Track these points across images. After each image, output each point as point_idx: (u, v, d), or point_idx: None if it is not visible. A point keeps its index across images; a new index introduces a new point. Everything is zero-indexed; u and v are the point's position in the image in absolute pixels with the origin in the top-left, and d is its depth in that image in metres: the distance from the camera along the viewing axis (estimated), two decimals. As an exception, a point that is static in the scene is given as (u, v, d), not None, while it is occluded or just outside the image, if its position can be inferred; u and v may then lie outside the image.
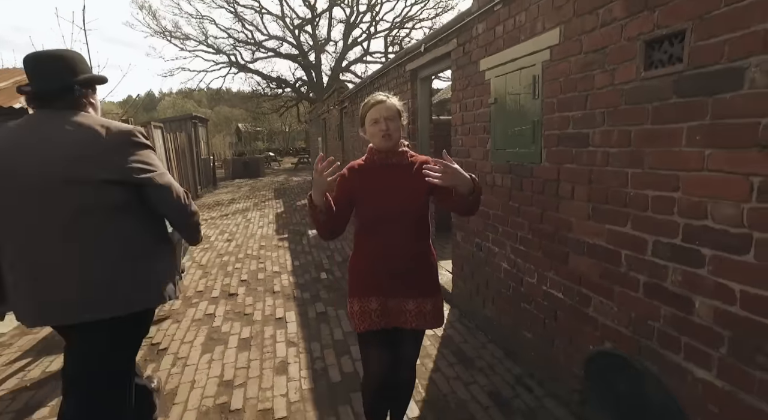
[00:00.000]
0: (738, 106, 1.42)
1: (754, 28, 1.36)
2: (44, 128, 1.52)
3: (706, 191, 1.55)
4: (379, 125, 1.74)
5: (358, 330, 1.82)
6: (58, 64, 1.59)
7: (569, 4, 2.20)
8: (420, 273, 1.83)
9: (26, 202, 1.48)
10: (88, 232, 1.52)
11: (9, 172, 1.48)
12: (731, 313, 1.48)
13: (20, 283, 1.54)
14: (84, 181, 1.49)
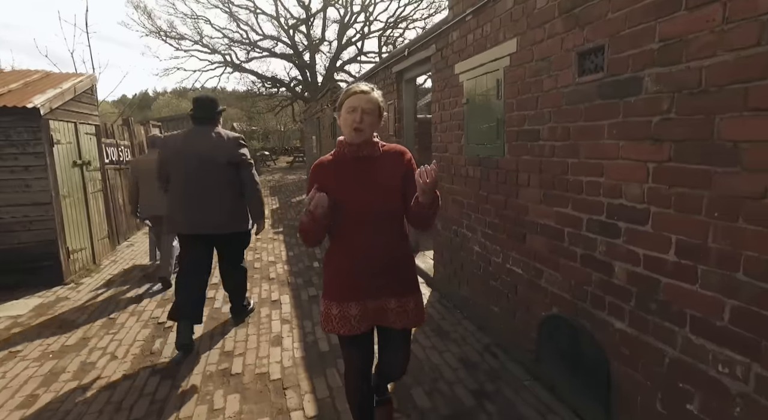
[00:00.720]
0: (638, 107, 1.78)
1: (647, 47, 1.72)
2: (202, 134, 3.14)
3: (620, 176, 1.91)
4: (354, 115, 1.64)
5: (337, 333, 1.75)
6: (208, 103, 3.21)
7: (523, 18, 2.56)
8: (401, 270, 1.77)
9: (197, 167, 3.04)
10: (223, 186, 3.10)
11: (191, 153, 3.06)
12: (637, 272, 1.84)
13: (187, 206, 3.06)
14: (218, 161, 3.06)
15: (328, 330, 1.76)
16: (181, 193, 3.07)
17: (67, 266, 4.91)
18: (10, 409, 2.49)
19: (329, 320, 1.75)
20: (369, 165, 1.72)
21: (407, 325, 1.79)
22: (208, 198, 3.05)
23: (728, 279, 1.47)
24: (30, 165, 4.60)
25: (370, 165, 1.72)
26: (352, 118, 1.65)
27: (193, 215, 3.05)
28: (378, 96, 1.71)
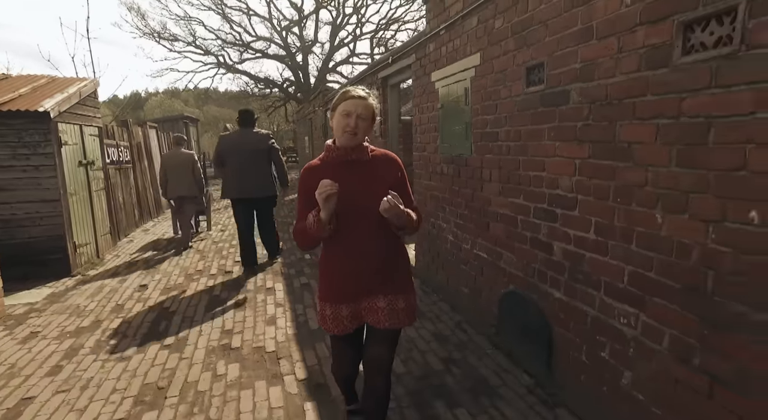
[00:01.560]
0: (568, 114, 2.19)
1: (572, 66, 2.12)
2: (247, 133, 4.86)
3: (556, 170, 2.31)
4: (348, 119, 1.65)
5: (330, 332, 1.82)
6: (250, 115, 4.96)
7: (485, 36, 2.96)
8: (393, 270, 1.79)
9: (247, 155, 4.74)
10: (261, 166, 4.80)
11: (243, 145, 4.76)
12: (569, 250, 2.24)
13: (236, 180, 4.73)
14: (260, 148, 4.81)
15: (324, 328, 1.84)
16: (236, 172, 4.71)
17: (74, 259, 5.24)
18: (39, 376, 2.85)
19: (324, 320, 1.82)
20: (358, 169, 1.72)
21: (395, 325, 1.77)
22: (252, 174, 4.73)
23: (626, 250, 1.87)
24: (41, 165, 4.94)
25: (360, 169, 1.72)
26: (346, 122, 1.65)
27: (243, 185, 4.73)
28: (374, 102, 1.73)
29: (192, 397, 2.58)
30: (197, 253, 6.09)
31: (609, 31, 1.90)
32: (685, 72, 1.57)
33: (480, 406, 2.39)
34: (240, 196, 4.78)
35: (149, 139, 9.53)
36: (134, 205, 8.12)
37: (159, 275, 5.08)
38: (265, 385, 2.67)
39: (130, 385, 2.72)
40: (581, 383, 2.22)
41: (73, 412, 2.45)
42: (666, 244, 1.69)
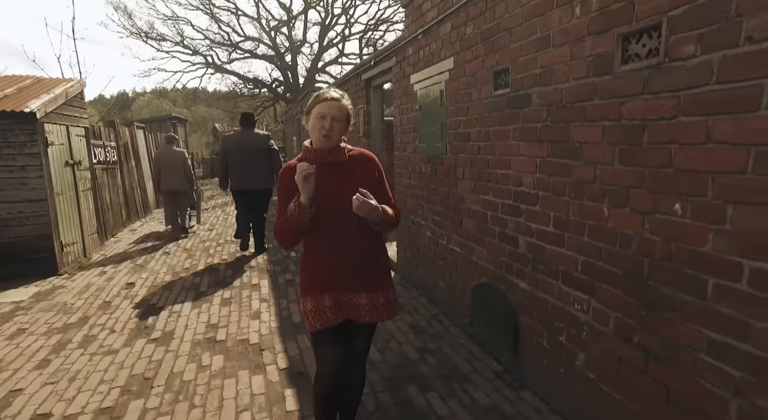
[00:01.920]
0: (530, 116, 2.35)
1: (533, 71, 2.28)
2: (249, 134, 5.54)
3: (521, 168, 2.47)
4: (323, 122, 1.69)
5: (313, 329, 1.78)
6: (251, 117, 5.71)
7: (458, 41, 3.12)
8: (372, 267, 1.83)
9: (247, 152, 5.42)
10: (259, 163, 5.46)
11: (245, 144, 5.45)
12: (532, 242, 2.41)
13: (239, 175, 5.46)
14: (261, 149, 5.47)
15: (308, 327, 1.80)
16: (237, 166, 5.43)
17: (60, 258, 5.30)
18: (28, 370, 2.94)
19: (306, 317, 1.79)
20: (336, 170, 1.75)
21: (375, 320, 1.81)
22: (251, 169, 5.42)
23: (579, 241, 2.04)
24: (27, 164, 4.99)
25: (337, 170, 1.75)
26: (320, 125, 1.69)
27: (243, 178, 5.46)
28: (347, 103, 1.76)
29: (177, 386, 2.69)
30: (185, 252, 6.17)
31: (563, 40, 2.07)
32: (624, 79, 1.74)
33: (450, 390, 2.54)
34: (239, 188, 5.55)
35: (137, 139, 9.55)
36: (121, 205, 8.15)
37: (146, 273, 5.16)
38: (248, 375, 2.80)
39: (117, 376, 2.83)
40: (543, 367, 2.39)
41: (62, 402, 2.55)
42: (611, 235, 1.86)
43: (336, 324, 1.78)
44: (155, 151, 10.97)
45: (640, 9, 1.64)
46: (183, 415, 2.39)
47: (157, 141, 11.35)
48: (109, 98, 31.10)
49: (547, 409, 2.34)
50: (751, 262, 1.33)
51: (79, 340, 3.39)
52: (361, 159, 1.83)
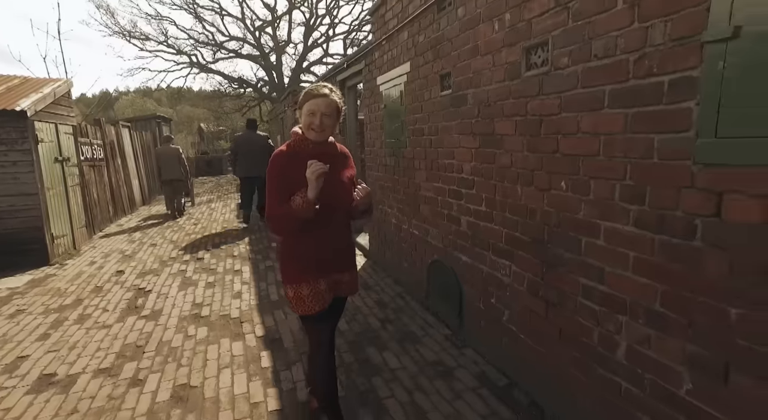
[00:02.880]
0: (466, 113, 2.77)
1: (468, 75, 2.71)
2: (253, 135, 7.31)
3: (461, 158, 2.90)
4: (313, 118, 1.79)
5: (311, 312, 1.89)
6: (255, 123, 7.57)
7: (413, 47, 3.53)
8: (349, 249, 2.07)
9: (252, 148, 7.11)
10: (260, 155, 6.88)
11: (251, 143, 7.17)
12: (471, 221, 2.83)
13: (246, 165, 7.14)
14: (262, 145, 7.16)
15: (302, 312, 1.91)
16: (245, 159, 7.11)
17: (51, 249, 5.59)
18: (31, 341, 3.28)
19: (302, 302, 1.89)
20: (331, 162, 1.83)
21: (351, 293, 2.10)
22: (255, 161, 6.97)
23: (503, 217, 2.47)
24: (18, 160, 5.27)
25: (332, 162, 1.85)
26: (311, 121, 1.80)
27: (249, 168, 7.08)
28: (337, 98, 1.84)
29: (166, 351, 3.06)
30: (171, 243, 6.50)
31: (487, 49, 2.49)
32: (528, 83, 2.17)
33: (404, 350, 2.96)
34: (245, 175, 7.26)
35: (122, 138, 9.79)
36: (108, 202, 8.41)
37: (135, 262, 5.48)
38: (229, 341, 3.18)
39: (113, 345, 3.19)
40: (481, 327, 2.82)
41: (64, 365, 2.91)
42: (524, 210, 2.29)
43: (328, 305, 1.94)
44: (140, 149, 11.23)
45: (535, 28, 2.08)
46: (172, 373, 2.77)
47: (143, 140, 11.60)
48: (91, 97, 30.86)
49: (483, 361, 2.77)
50: (605, 222, 1.77)
51: (74, 317, 3.73)
52: (343, 154, 2.01)
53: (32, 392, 2.60)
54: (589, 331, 1.90)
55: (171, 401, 2.47)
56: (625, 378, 1.74)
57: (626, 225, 1.68)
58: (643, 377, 1.66)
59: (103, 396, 2.54)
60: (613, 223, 1.74)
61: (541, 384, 2.27)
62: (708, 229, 1.39)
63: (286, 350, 3.01)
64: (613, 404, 1.80)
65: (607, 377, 1.82)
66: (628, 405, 1.73)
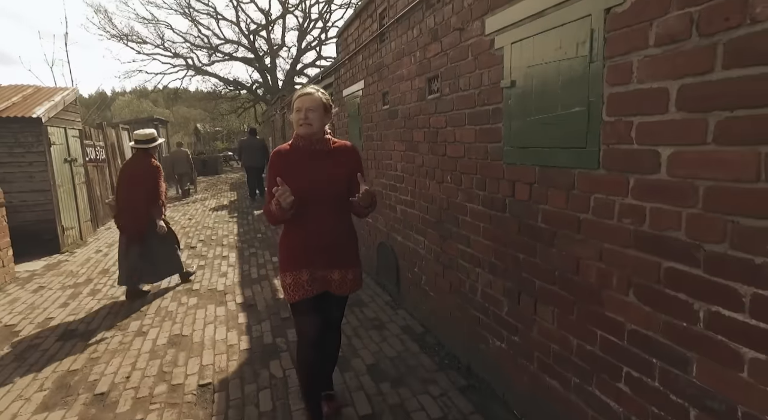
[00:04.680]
0: (398, 124, 3.55)
1: (398, 95, 3.49)
2: (254, 139, 11.00)
3: (396, 159, 3.68)
4: (299, 114, 1.94)
5: (292, 300, 2.00)
6: (254, 130, 11.64)
7: (365, 69, 4.31)
8: (343, 247, 2.08)
9: (253, 149, 10.70)
10: (260, 153, 10.68)
11: (252, 145, 10.80)
12: (403, 209, 3.62)
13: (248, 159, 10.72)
14: (259, 146, 10.85)
15: (288, 299, 2.06)
16: (247, 155, 10.55)
17: (62, 239, 6.35)
18: (54, 308, 4.05)
19: (285, 290, 2.03)
20: (321, 158, 2.00)
21: (345, 292, 2.12)
22: (253, 156, 10.51)
23: (420, 204, 3.25)
24: (33, 161, 6.03)
25: (323, 158, 2.00)
26: (298, 116, 1.95)
27: (250, 161, 10.58)
28: (321, 95, 2.00)
29: (164, 314, 3.84)
30: (167, 236, 7.26)
31: (408, 76, 3.27)
32: (429, 103, 2.95)
33: (351, 312, 3.73)
34: (249, 165, 10.65)
35: (122, 140, 10.54)
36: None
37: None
38: (214, 307, 3.95)
39: (120, 311, 3.96)
40: (410, 292, 3.60)
41: (83, 323, 3.68)
42: (430, 198, 3.07)
43: (312, 295, 2.01)
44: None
45: (432, 65, 2.86)
46: (168, 327, 3.54)
47: (141, 141, 12.41)
48: (88, 98, 31.45)
49: (410, 317, 3.55)
50: (469, 204, 2.55)
51: (87, 291, 4.50)
52: (344, 149, 2.10)
53: (61, 340, 3.37)
54: (463, 282, 2.68)
55: (167, 344, 3.24)
56: (480, 311, 2.52)
57: (478, 205, 2.46)
58: (488, 309, 2.44)
59: (116, 342, 3.31)
60: (473, 204, 2.52)
61: (441, 328, 3.06)
62: (510, 205, 2.18)
63: (259, 312, 3.78)
64: (476, 332, 2.59)
65: (472, 313, 2.61)
66: (482, 329, 2.52)
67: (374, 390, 2.54)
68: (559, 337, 1.91)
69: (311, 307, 2.04)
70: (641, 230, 1.46)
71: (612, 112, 1.55)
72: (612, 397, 1.65)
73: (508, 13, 2.04)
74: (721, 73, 1.18)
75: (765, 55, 1.08)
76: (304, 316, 2.06)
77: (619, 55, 1.50)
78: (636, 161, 1.46)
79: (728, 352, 1.22)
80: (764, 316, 1.12)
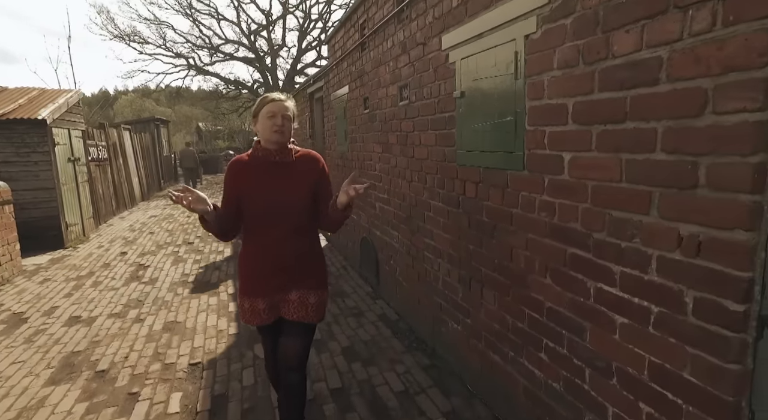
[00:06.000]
0: (376, 127, 3.83)
1: (376, 100, 3.77)
2: None
3: (375, 159, 3.96)
4: (275, 119, 1.75)
5: (250, 324, 1.91)
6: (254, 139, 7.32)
7: (349, 75, 4.59)
8: (307, 267, 1.88)
9: None
10: None
11: None
12: (381, 205, 3.90)
13: None
14: None
15: (243, 321, 1.92)
16: None
17: (66, 235, 6.66)
18: (59, 298, 4.35)
19: (244, 312, 1.90)
20: (282, 169, 1.82)
21: (303, 319, 1.85)
22: None
23: (394, 202, 3.54)
24: (39, 160, 6.34)
25: (283, 169, 1.82)
26: (272, 122, 1.76)
27: None
28: (292, 105, 1.85)
29: (161, 303, 4.13)
30: (166, 232, 7.57)
31: (384, 84, 3.55)
32: (401, 109, 3.23)
33: (333, 302, 4.01)
34: None
35: (124, 139, 10.85)
36: (111, 197, 9.47)
37: (135, 246, 6.55)
38: (207, 297, 4.25)
39: (120, 300, 4.26)
40: (388, 283, 3.88)
41: (86, 311, 3.97)
42: (402, 196, 3.36)
43: (270, 323, 1.89)
44: (140, 149, 12.30)
45: (402, 74, 3.13)
46: (164, 315, 3.84)
47: (142, 141, 12.68)
48: (90, 96, 31.79)
49: (387, 306, 3.83)
50: (432, 201, 2.83)
51: (90, 283, 4.80)
52: (308, 158, 1.91)
53: (66, 326, 3.67)
54: (428, 272, 2.97)
55: (163, 330, 3.53)
56: (442, 298, 2.81)
57: (439, 202, 2.75)
58: (447, 295, 2.73)
59: (116, 328, 3.60)
60: (435, 201, 2.80)
61: (411, 314, 3.34)
62: (462, 202, 2.46)
63: (248, 301, 4.08)
64: (438, 316, 2.87)
65: (435, 300, 2.89)
66: (443, 314, 2.80)
67: (346, 368, 2.83)
68: (499, 317, 2.20)
69: (270, 331, 1.96)
70: (553, 222, 1.75)
71: (532, 122, 1.83)
72: (536, 366, 1.93)
73: (458, 33, 2.32)
74: (598, 95, 1.46)
75: (622, 82, 1.36)
76: (265, 338, 2.05)
77: (535, 75, 1.78)
78: (548, 164, 1.74)
79: (607, 319, 1.50)
80: (629, 289, 1.41)
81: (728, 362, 1.12)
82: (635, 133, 1.33)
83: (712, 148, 1.11)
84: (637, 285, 1.37)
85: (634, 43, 1.30)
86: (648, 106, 1.29)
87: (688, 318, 1.22)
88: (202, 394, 2.60)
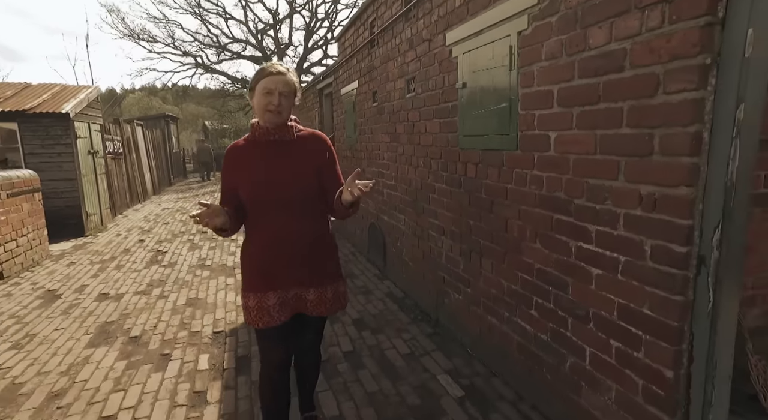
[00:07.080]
0: (384, 119, 4.11)
1: (385, 93, 4.05)
2: None
3: (383, 149, 4.23)
4: (270, 98, 1.57)
5: (256, 326, 1.65)
6: None
7: (359, 70, 4.87)
8: (318, 256, 1.70)
9: None
10: None
11: None
12: (388, 192, 4.17)
13: None
14: None
15: (248, 323, 1.67)
16: None
17: (86, 224, 6.98)
18: (87, 278, 4.66)
19: (248, 313, 1.66)
20: (282, 148, 1.65)
21: (323, 314, 1.74)
22: None
23: (401, 187, 3.81)
24: (62, 152, 6.66)
25: (284, 148, 1.65)
26: (267, 101, 1.57)
27: None
28: (294, 77, 1.64)
29: (181, 283, 4.43)
30: (180, 222, 7.88)
31: (392, 78, 3.82)
32: (408, 101, 3.50)
33: (344, 281, 4.29)
34: None
35: (137, 135, 11.18)
36: (126, 189, 9.80)
37: (152, 235, 6.86)
38: (225, 278, 4.54)
39: (143, 280, 4.56)
40: (395, 265, 4.16)
41: (113, 289, 4.28)
42: (408, 181, 3.63)
43: (279, 323, 1.66)
44: (151, 145, 12.64)
45: (410, 68, 3.40)
46: (186, 292, 4.13)
47: (153, 137, 13.03)
48: (116, 94, 32.18)
49: (393, 286, 4.11)
50: (435, 183, 3.10)
51: (113, 266, 5.11)
52: (312, 139, 1.73)
53: (96, 301, 3.97)
54: (432, 249, 3.24)
55: (186, 305, 3.83)
56: (445, 272, 3.08)
57: (442, 184, 3.02)
58: (450, 269, 3.00)
59: (143, 303, 3.90)
60: (439, 184, 3.07)
61: (417, 291, 3.61)
62: (464, 182, 2.73)
63: (264, 282, 4.36)
64: (441, 289, 3.14)
65: (439, 274, 3.16)
66: (446, 287, 3.07)
67: (357, 335, 3.11)
68: (496, 283, 2.46)
69: (277, 334, 1.70)
70: (542, 193, 2.01)
71: (524, 107, 2.09)
72: (527, 322, 2.20)
73: (460, 30, 2.59)
74: (578, 81, 1.73)
75: (596, 70, 1.62)
76: (269, 342, 1.73)
77: (526, 66, 2.04)
78: (538, 143, 2.01)
79: (585, 272, 1.77)
80: (602, 244, 1.67)
81: (674, 294, 1.38)
82: (607, 112, 1.60)
83: (663, 121, 1.38)
84: (608, 240, 1.64)
85: (605, 37, 1.57)
86: (616, 89, 1.55)
87: (647, 263, 1.48)
88: (227, 356, 2.89)
